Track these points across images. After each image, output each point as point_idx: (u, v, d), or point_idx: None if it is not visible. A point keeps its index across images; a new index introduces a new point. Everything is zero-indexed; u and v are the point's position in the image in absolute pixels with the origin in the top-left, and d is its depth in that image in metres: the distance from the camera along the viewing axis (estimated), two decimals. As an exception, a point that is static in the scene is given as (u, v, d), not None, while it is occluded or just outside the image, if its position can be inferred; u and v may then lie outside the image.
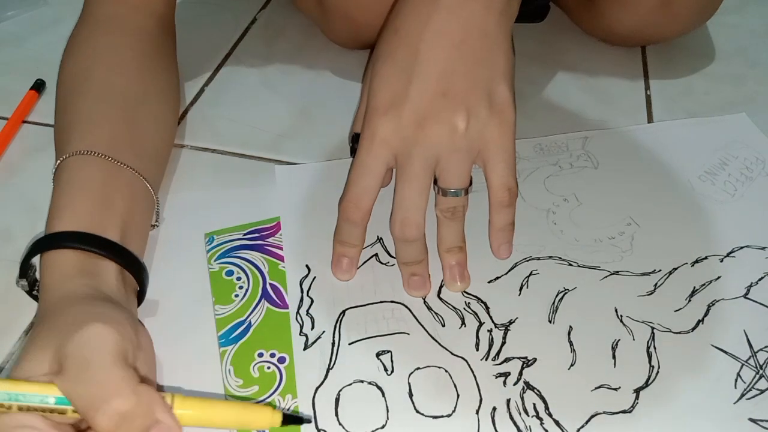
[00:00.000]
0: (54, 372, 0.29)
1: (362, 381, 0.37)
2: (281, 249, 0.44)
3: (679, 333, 0.39)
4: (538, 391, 0.36)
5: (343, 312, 0.40)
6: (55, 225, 0.36)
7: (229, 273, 0.42)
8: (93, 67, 0.44)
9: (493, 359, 0.38)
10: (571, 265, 0.43)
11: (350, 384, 0.37)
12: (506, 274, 0.42)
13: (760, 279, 0.41)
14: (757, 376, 0.37)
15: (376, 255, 0.43)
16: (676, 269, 0.42)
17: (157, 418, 0.29)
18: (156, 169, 0.44)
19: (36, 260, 0.37)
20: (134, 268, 0.37)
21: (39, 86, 0.57)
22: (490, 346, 0.39)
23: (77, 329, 0.29)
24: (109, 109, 0.42)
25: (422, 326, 0.40)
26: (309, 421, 0.35)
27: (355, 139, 0.42)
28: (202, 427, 0.31)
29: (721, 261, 0.43)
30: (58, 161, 0.39)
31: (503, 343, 0.39)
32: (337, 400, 0.36)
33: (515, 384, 0.37)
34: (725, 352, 0.38)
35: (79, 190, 0.37)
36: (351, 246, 0.42)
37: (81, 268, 0.35)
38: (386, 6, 0.50)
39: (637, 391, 0.36)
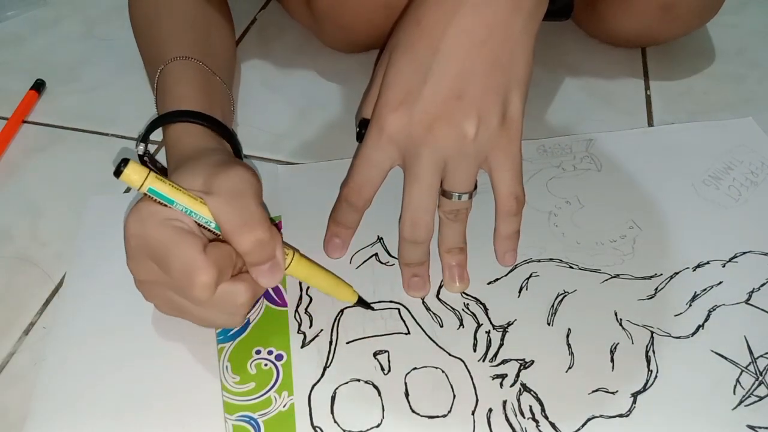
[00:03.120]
0: (204, 192, 0.35)
1: (359, 380, 0.37)
2: (282, 247, 0.44)
3: (679, 338, 0.39)
4: (534, 393, 0.36)
5: (342, 311, 0.40)
6: (176, 107, 0.42)
7: (230, 270, 0.42)
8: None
9: (491, 360, 0.38)
10: (571, 267, 0.42)
11: (347, 382, 0.37)
12: (506, 275, 0.42)
13: (762, 285, 0.41)
14: (757, 382, 0.36)
15: (376, 255, 0.43)
16: (677, 273, 0.42)
17: (275, 254, 0.35)
18: (228, 80, 0.51)
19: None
20: (237, 151, 0.43)
21: (39, 86, 0.58)
22: (488, 347, 0.38)
23: (229, 166, 0.36)
24: (187, 29, 0.49)
25: (420, 327, 0.40)
26: (373, 309, 0.40)
27: (362, 124, 0.41)
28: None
29: (723, 266, 0.42)
30: (161, 68, 0.46)
31: (501, 345, 0.38)
32: (333, 398, 0.36)
33: (512, 386, 0.37)
34: (725, 357, 0.38)
35: (188, 83, 0.44)
36: (345, 228, 0.43)
37: (208, 135, 0.42)
38: (376, 13, 0.51)
39: (635, 395, 0.36)
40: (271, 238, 0.35)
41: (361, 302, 0.40)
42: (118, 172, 0.33)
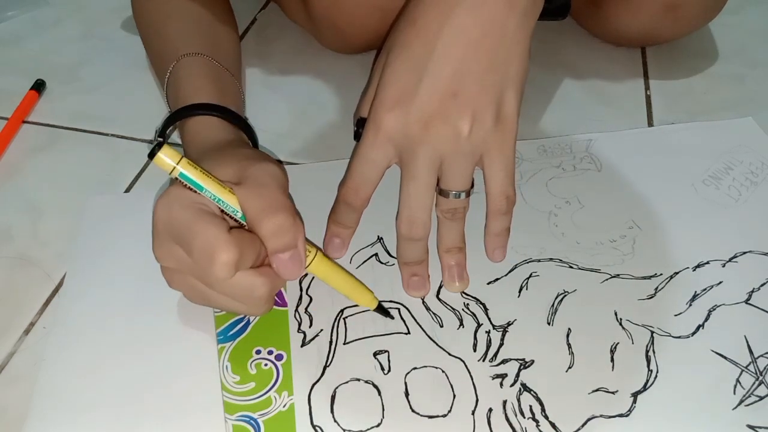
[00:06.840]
0: (233, 183, 0.36)
1: (359, 379, 0.37)
2: (282, 247, 0.44)
3: (679, 337, 0.39)
4: (534, 393, 0.36)
5: (342, 311, 0.40)
6: (190, 101, 0.43)
7: (230, 270, 0.42)
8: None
9: (491, 360, 0.38)
10: (571, 267, 0.42)
11: (347, 382, 0.37)
12: (506, 275, 0.42)
13: (762, 285, 0.41)
14: (757, 382, 0.36)
15: (375, 255, 0.43)
16: (677, 273, 0.42)
17: (297, 244, 0.35)
18: (237, 75, 0.51)
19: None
20: (254, 142, 0.45)
21: (39, 86, 0.58)
22: (488, 347, 0.38)
23: (259, 160, 0.37)
24: (195, 28, 0.51)
25: (420, 326, 0.40)
26: (392, 318, 0.40)
27: (359, 124, 0.42)
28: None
29: (723, 266, 0.42)
30: (172, 64, 0.47)
31: (501, 345, 0.38)
32: (333, 398, 0.36)
33: (512, 385, 0.37)
34: (725, 357, 0.38)
35: (202, 78, 0.46)
36: (345, 227, 0.43)
37: (226, 127, 0.43)
38: (371, 17, 0.51)
39: (635, 395, 0.36)
40: (293, 224, 0.35)
41: (381, 309, 0.40)
42: (152, 154, 0.33)
